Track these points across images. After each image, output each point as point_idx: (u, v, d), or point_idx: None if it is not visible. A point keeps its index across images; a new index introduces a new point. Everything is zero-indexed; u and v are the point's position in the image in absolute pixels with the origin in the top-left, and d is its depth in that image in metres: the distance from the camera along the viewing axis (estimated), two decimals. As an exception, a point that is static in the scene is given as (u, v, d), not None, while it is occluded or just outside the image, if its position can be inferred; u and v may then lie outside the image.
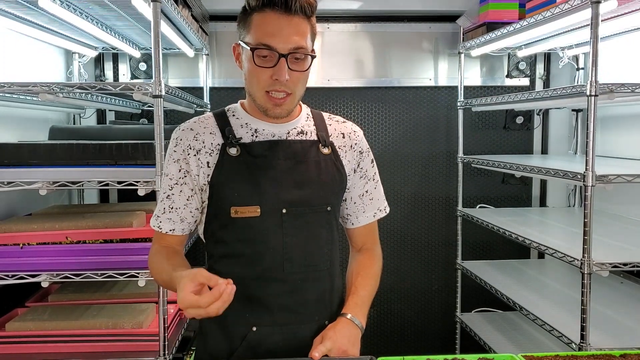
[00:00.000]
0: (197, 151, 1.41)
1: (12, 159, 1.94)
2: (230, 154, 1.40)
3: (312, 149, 1.46)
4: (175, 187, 1.44)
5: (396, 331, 3.59)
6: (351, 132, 1.54)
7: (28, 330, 2.04)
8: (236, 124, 1.45)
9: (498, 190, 3.54)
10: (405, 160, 3.49)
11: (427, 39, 3.45)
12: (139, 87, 1.90)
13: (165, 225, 1.46)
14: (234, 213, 1.38)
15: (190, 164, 1.41)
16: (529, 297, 2.64)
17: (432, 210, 3.55)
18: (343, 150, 1.51)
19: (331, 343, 1.34)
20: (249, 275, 1.42)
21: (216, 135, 1.43)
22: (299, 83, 1.37)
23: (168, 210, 1.45)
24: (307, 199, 1.43)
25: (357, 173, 1.54)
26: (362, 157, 1.54)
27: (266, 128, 1.44)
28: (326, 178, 1.45)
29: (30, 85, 1.87)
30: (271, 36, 1.31)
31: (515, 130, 3.51)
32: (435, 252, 3.57)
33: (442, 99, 3.50)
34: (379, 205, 1.59)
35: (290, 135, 1.46)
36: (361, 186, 1.55)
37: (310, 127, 1.50)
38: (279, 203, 1.40)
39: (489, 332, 3.03)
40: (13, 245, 1.97)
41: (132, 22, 2.46)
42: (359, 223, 1.58)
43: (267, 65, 1.33)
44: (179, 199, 1.44)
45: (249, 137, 1.43)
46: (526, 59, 3.40)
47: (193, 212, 1.46)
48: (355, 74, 3.44)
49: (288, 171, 1.41)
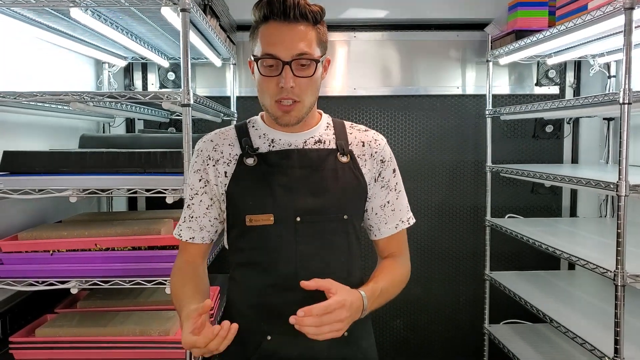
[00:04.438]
0: (216, 161, 1.45)
1: (44, 167, 1.97)
2: (247, 164, 1.42)
3: (330, 157, 1.45)
4: (196, 197, 1.48)
5: (423, 343, 3.55)
6: (372, 141, 1.52)
7: (57, 336, 2.06)
8: (254, 135, 1.48)
9: (527, 200, 3.48)
10: (432, 169, 3.46)
11: (454, 47, 3.43)
12: (168, 96, 1.92)
13: (185, 234, 1.50)
14: (249, 221, 1.40)
15: (209, 174, 1.45)
16: (559, 309, 2.59)
17: (460, 221, 3.51)
18: (362, 158, 1.49)
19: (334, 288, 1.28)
20: (264, 283, 1.42)
21: (234, 147, 1.46)
22: (307, 90, 1.37)
23: (188, 219, 1.50)
24: (322, 207, 1.42)
25: (378, 182, 1.52)
26: (384, 166, 1.52)
27: (283, 138, 1.46)
28: (343, 186, 1.44)
29: (62, 94, 1.90)
30: (274, 45, 1.33)
31: (544, 139, 3.45)
32: (463, 263, 3.53)
33: (469, 107, 3.47)
34: (402, 216, 1.56)
35: (307, 144, 1.46)
36: (382, 196, 1.53)
37: (329, 135, 1.49)
38: (293, 211, 1.40)
39: (519, 345, 2.98)
40: (43, 252, 2.00)
41: (160, 32, 2.50)
42: (381, 235, 1.56)
43: (273, 74, 1.34)
44: (199, 208, 1.48)
45: (266, 147, 1.45)
46: (556, 67, 3.35)
47: (212, 221, 1.49)
48: (381, 83, 3.43)
49: (303, 179, 1.42)
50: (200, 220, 1.48)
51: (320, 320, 1.22)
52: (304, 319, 1.21)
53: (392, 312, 3.52)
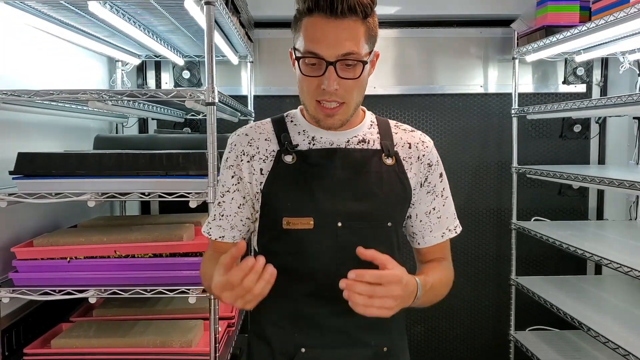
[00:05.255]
0: (251, 157, 1.34)
1: (60, 169, 1.87)
2: (286, 162, 1.31)
3: (374, 159, 1.34)
4: (227, 195, 1.37)
5: (445, 349, 3.44)
6: (419, 143, 1.41)
7: (74, 347, 1.96)
8: (294, 131, 1.37)
9: (552, 202, 3.37)
10: (454, 170, 3.35)
11: (477, 45, 3.32)
12: (192, 95, 1.82)
13: (214, 232, 1.40)
14: (286, 224, 1.29)
15: (243, 171, 1.34)
16: (590, 314, 2.49)
17: (482, 223, 3.40)
18: (408, 162, 1.38)
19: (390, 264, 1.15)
20: (299, 291, 1.32)
21: (272, 142, 1.35)
22: (353, 91, 1.25)
23: (219, 217, 1.39)
24: (366, 213, 1.31)
25: (424, 187, 1.40)
26: (431, 170, 1.40)
27: (324, 136, 1.35)
28: (388, 191, 1.33)
29: (79, 92, 1.80)
30: (317, 42, 1.20)
31: (572, 140, 3.34)
32: (485, 267, 3.42)
33: (492, 106, 3.36)
34: (449, 224, 1.45)
35: (350, 143, 1.35)
36: (428, 202, 1.42)
37: (373, 135, 1.38)
38: (334, 215, 1.29)
39: (547, 353, 2.87)
40: (60, 259, 1.90)
41: (177, 27, 2.39)
42: (425, 243, 1.45)
43: (315, 74, 1.23)
44: (230, 207, 1.38)
45: (306, 144, 1.34)
46: (583, 64, 3.24)
47: (244, 220, 1.39)
48: (402, 81, 3.32)
49: (346, 182, 1.31)
50: (232, 219, 1.38)
51: (372, 290, 1.10)
52: (355, 284, 1.09)
53: (413, 318, 3.41)
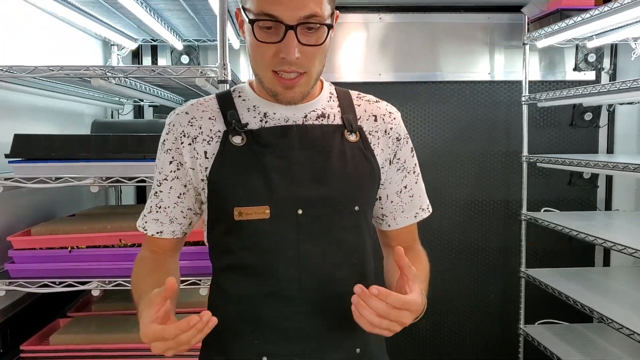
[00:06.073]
0: (193, 139, 1.16)
1: (60, 152, 1.74)
2: (234, 143, 1.14)
3: (336, 135, 1.18)
4: (165, 183, 1.19)
5: (451, 344, 3.35)
6: (385, 114, 1.25)
7: (74, 343, 1.84)
8: (242, 107, 1.19)
9: (561, 193, 3.29)
10: (460, 160, 3.25)
11: (484, 31, 3.23)
12: (203, 72, 1.70)
13: (151, 227, 1.22)
14: (238, 215, 1.12)
15: (184, 155, 1.16)
16: (608, 306, 2.42)
17: (489, 215, 3.31)
18: (375, 136, 1.22)
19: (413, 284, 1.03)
20: (258, 292, 1.15)
21: (217, 121, 1.17)
22: (315, 59, 1.09)
23: (155, 209, 1.21)
24: (329, 198, 1.15)
25: (394, 165, 1.25)
26: (400, 144, 1.25)
27: (278, 111, 1.17)
28: (353, 171, 1.17)
29: (82, 68, 1.67)
30: (274, 2, 1.03)
31: (582, 128, 3.26)
32: (493, 260, 3.33)
33: (500, 94, 3.27)
34: (421, 203, 1.30)
35: (308, 119, 1.18)
36: (399, 181, 1.27)
37: (333, 108, 1.21)
38: (294, 202, 1.13)
39: (559, 345, 2.79)
40: (60, 249, 1.77)
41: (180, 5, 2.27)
42: (396, 225, 1.29)
43: (271, 40, 1.05)
44: (168, 197, 1.20)
45: (257, 122, 1.17)
46: (595, 50, 3.16)
47: (185, 211, 1.21)
48: (409, 68, 3.22)
49: (305, 163, 1.14)
50: (170, 211, 1.20)
51: (387, 312, 0.97)
52: (372, 299, 0.97)
53: (418, 312, 3.31)
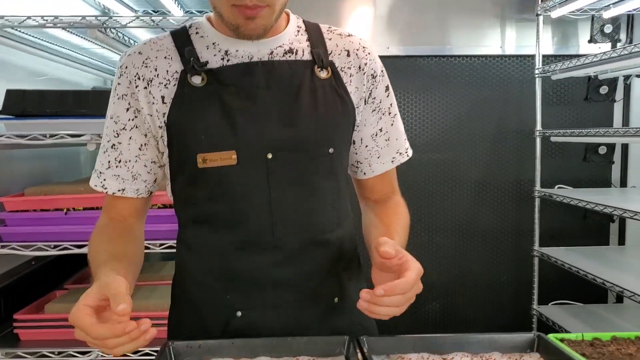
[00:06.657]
0: (149, 82, 1.07)
1: (55, 108, 1.64)
2: (193, 84, 1.05)
3: (305, 72, 1.10)
4: (123, 133, 1.10)
5: (463, 325, 3.24)
6: (359, 49, 1.16)
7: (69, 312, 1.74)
8: (201, 44, 1.09)
9: (577, 170, 3.18)
10: (471, 138, 3.15)
11: (496, 3, 3.13)
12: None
13: (111, 184, 1.12)
14: (202, 162, 1.05)
15: (139, 101, 1.07)
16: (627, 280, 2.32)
17: (501, 194, 3.20)
18: (347, 73, 1.14)
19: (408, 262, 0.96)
20: (228, 243, 1.09)
21: (173, 60, 1.08)
22: None
23: (114, 163, 1.11)
24: (301, 140, 1.08)
25: (369, 105, 1.17)
26: (375, 82, 1.17)
27: (241, 48, 1.08)
28: (325, 110, 1.10)
29: (78, 18, 1.58)
30: None
31: (597, 103, 3.15)
32: (504, 240, 3.22)
33: (512, 69, 3.17)
34: (399, 147, 1.22)
35: (275, 55, 1.09)
36: (374, 122, 1.19)
37: (302, 43, 1.13)
38: (262, 146, 1.06)
39: (574, 324, 2.69)
40: (55, 211, 1.68)
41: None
42: (372, 172, 1.22)
43: None
44: (129, 150, 1.10)
45: (218, 60, 1.08)
46: (612, 20, 3.05)
47: (149, 165, 1.13)
48: (418, 41, 3.12)
49: (272, 103, 1.07)
50: (132, 166, 1.11)
51: (401, 300, 0.92)
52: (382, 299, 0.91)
53: (427, 294, 3.19)
